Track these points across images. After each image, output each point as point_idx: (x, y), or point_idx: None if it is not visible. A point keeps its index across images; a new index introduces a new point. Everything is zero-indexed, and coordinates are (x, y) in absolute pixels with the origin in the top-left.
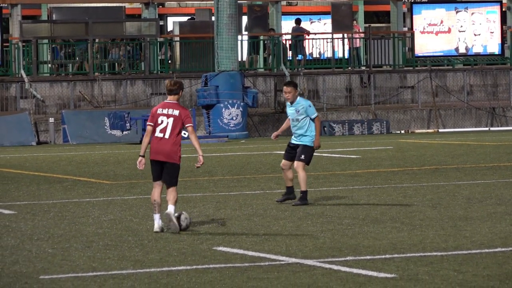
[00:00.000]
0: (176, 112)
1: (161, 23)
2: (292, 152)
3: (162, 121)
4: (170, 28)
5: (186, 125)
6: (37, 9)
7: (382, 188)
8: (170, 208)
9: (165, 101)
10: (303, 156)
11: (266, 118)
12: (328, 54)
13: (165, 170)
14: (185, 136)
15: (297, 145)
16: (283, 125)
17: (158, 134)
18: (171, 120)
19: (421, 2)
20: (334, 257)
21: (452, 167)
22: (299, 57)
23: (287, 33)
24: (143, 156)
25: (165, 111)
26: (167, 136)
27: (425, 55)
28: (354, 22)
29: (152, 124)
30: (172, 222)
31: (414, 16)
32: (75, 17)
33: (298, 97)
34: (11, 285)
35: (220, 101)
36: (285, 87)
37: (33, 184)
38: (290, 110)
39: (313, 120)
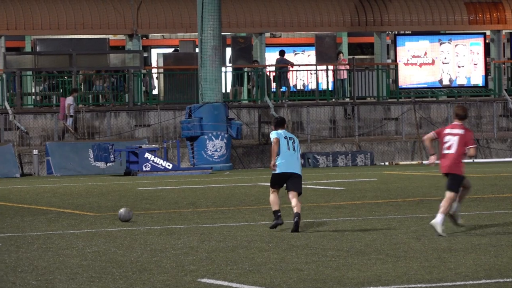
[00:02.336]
0: None
1: (145, 54)
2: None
3: None
4: (154, 59)
5: None
6: (21, 41)
7: (366, 219)
8: None
9: None
10: None
11: (250, 149)
12: (312, 85)
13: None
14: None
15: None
16: None
17: None
18: None
19: (404, 34)
20: None
21: (436, 199)
22: (283, 88)
23: (271, 65)
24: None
25: None
26: None
27: (409, 87)
28: (341, 55)
29: None
30: None
31: (398, 48)
32: (59, 49)
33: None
34: None
35: (204, 132)
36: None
37: (17, 216)
38: None
39: None
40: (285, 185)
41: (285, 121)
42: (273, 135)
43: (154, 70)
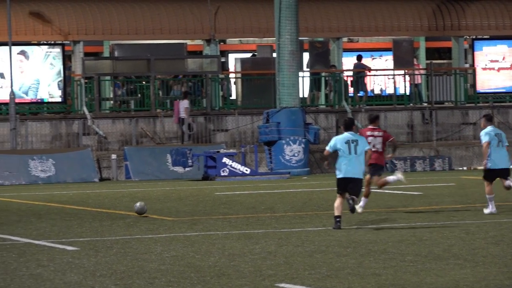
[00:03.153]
0: None
1: (223, 59)
2: None
3: None
4: (231, 64)
5: None
6: (99, 46)
7: (444, 224)
8: None
9: None
10: None
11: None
12: (390, 90)
13: None
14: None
15: None
16: None
17: None
18: None
19: (482, 39)
20: None
21: None
22: (361, 93)
23: (349, 70)
24: None
25: None
26: None
27: (487, 92)
28: (414, 60)
29: None
30: None
31: (475, 53)
32: (137, 54)
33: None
34: None
35: (281, 137)
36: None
37: (96, 221)
38: None
39: None
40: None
41: (354, 123)
42: (332, 141)
43: (232, 75)
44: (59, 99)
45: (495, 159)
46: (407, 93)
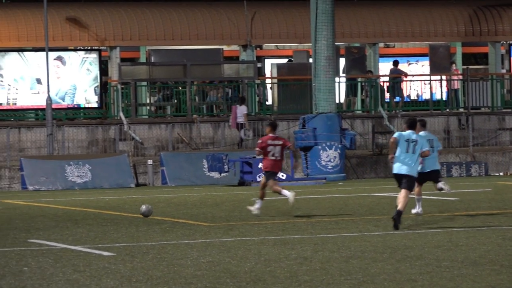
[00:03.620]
0: None
1: (259, 65)
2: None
3: None
4: (267, 70)
5: None
6: (135, 52)
7: (481, 230)
8: None
9: None
10: None
11: (364, 160)
12: (426, 96)
13: None
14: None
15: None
16: None
17: None
18: None
19: None
20: None
21: None
22: (397, 99)
23: (385, 75)
24: None
25: None
26: None
27: None
28: (454, 65)
29: None
30: None
31: None
32: (174, 59)
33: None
34: None
35: (318, 143)
36: None
37: (132, 226)
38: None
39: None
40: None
41: (416, 123)
42: (395, 134)
43: (268, 81)
44: (96, 105)
45: None
46: (444, 98)
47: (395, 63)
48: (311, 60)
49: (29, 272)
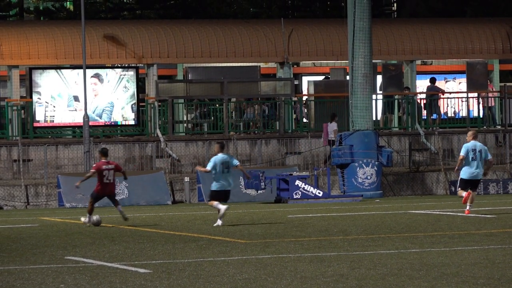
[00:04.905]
0: None
1: (296, 82)
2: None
3: None
4: (304, 87)
5: None
6: (173, 69)
7: None
8: None
9: None
10: None
11: (401, 177)
12: (463, 113)
13: None
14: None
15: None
16: None
17: None
18: None
19: None
20: None
21: None
22: (434, 116)
23: (422, 92)
24: None
25: None
26: None
27: None
28: (489, 82)
29: None
30: None
31: None
32: (211, 77)
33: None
34: None
35: (354, 160)
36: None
37: (169, 243)
38: None
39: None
40: None
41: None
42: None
43: (305, 98)
44: (133, 122)
45: None
46: (481, 115)
47: (432, 80)
48: (348, 77)
49: None
